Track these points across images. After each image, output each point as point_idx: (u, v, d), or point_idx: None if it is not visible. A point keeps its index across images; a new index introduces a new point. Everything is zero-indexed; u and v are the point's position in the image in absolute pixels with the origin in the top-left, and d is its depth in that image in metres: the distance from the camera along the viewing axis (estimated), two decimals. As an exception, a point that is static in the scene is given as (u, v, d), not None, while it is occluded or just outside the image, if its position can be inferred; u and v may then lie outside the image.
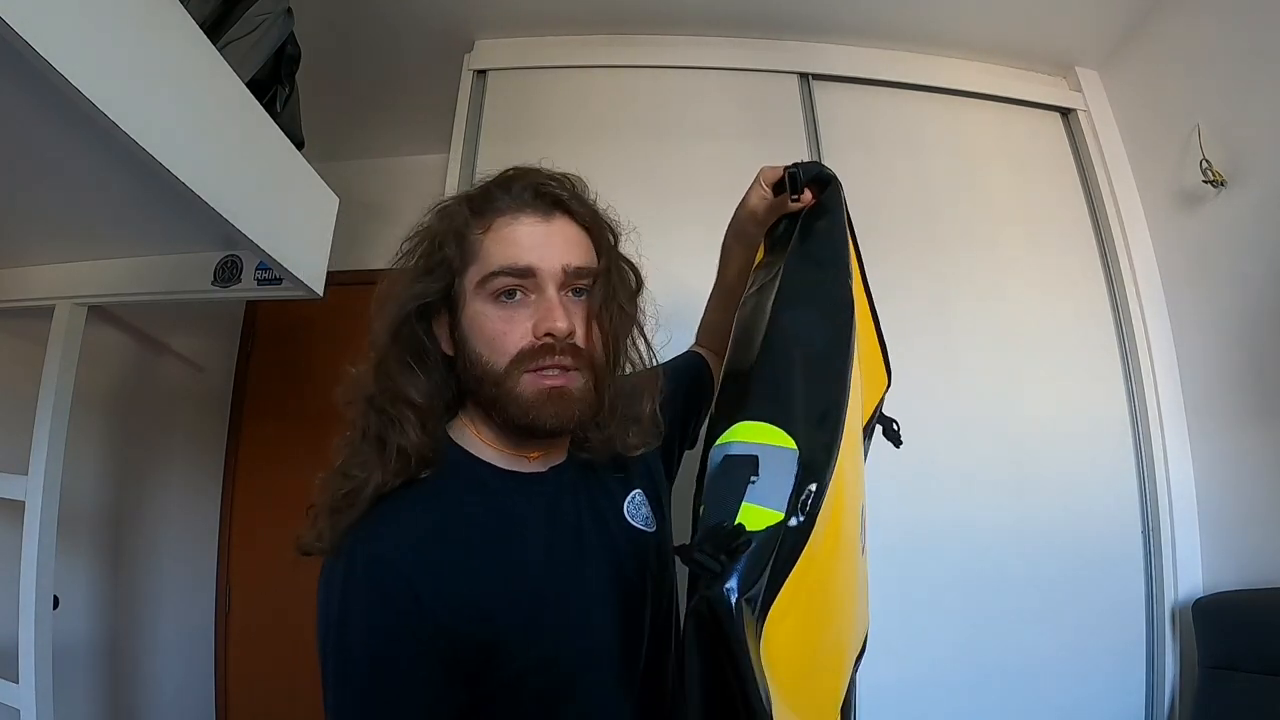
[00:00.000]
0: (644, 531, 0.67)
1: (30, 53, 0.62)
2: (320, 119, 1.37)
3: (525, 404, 0.57)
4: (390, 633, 0.51)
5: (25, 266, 1.36)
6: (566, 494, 0.64)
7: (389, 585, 0.51)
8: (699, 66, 1.64)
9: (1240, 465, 1.33)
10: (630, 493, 0.69)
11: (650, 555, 0.67)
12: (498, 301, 0.58)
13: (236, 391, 2.11)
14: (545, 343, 0.57)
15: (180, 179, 0.84)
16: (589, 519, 0.64)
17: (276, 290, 1.27)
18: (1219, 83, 1.40)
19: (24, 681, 1.15)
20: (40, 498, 1.20)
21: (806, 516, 0.46)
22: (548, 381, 0.58)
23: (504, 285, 0.58)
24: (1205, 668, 1.24)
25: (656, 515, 0.70)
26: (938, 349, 1.47)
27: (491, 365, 0.58)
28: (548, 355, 0.57)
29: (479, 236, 0.60)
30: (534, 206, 0.61)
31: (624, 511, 0.67)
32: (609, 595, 0.61)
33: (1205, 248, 1.43)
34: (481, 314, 0.59)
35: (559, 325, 0.57)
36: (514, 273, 0.58)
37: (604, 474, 0.68)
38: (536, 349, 0.57)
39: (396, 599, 0.51)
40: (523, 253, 0.58)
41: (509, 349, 0.57)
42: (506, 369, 0.57)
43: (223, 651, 1.95)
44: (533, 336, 0.57)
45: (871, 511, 1.47)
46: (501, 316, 0.58)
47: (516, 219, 0.60)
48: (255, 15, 1.05)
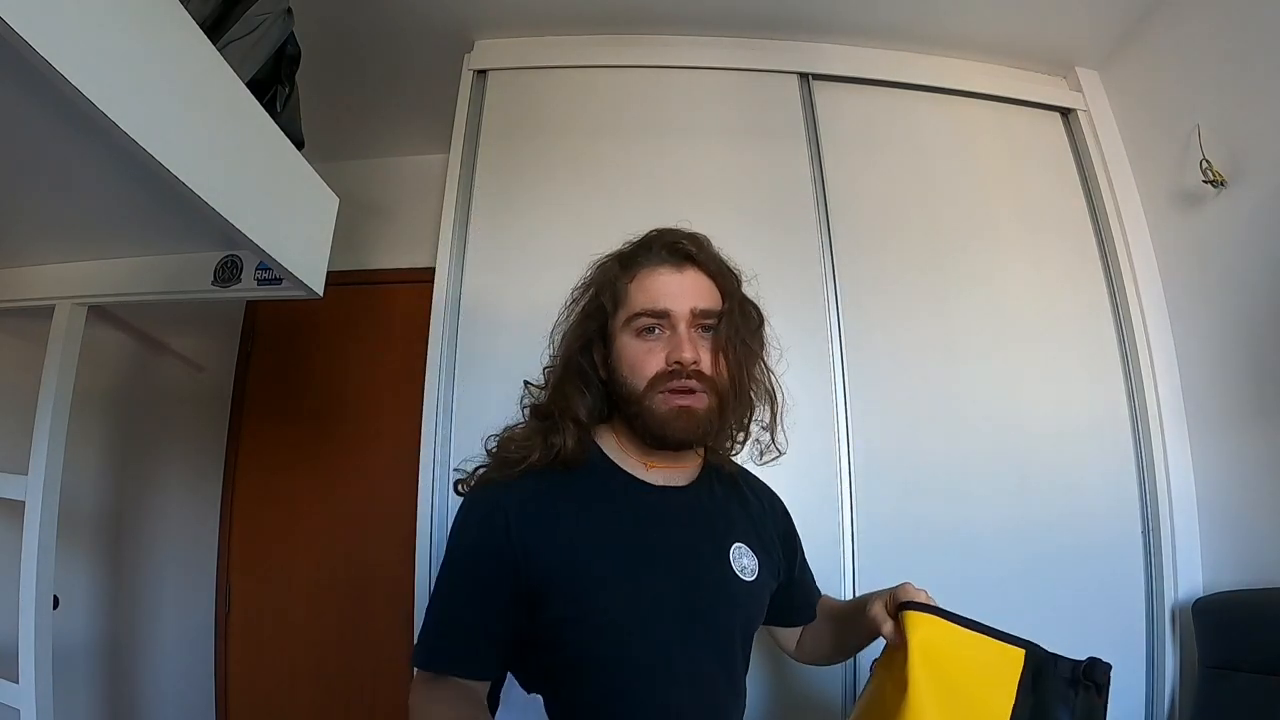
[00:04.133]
0: (737, 575, 0.75)
1: (30, 53, 0.62)
2: (320, 119, 1.37)
3: (659, 419, 0.71)
4: (482, 543, 0.69)
5: (25, 266, 1.36)
6: (674, 508, 0.75)
7: (494, 517, 0.69)
8: (699, 66, 1.64)
9: (1240, 465, 1.33)
10: (737, 542, 0.77)
11: (737, 593, 0.74)
12: (640, 336, 0.73)
13: (236, 391, 2.11)
14: (674, 368, 0.71)
15: (180, 179, 0.84)
16: (679, 539, 0.73)
17: (276, 290, 1.27)
18: (1219, 83, 1.40)
19: (24, 681, 1.15)
20: (40, 498, 1.20)
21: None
22: (676, 401, 0.71)
23: (644, 324, 0.73)
24: (1205, 668, 1.24)
25: (761, 572, 0.77)
26: (938, 350, 1.47)
27: (633, 386, 0.72)
28: (677, 379, 0.70)
29: (626, 286, 0.75)
30: (669, 260, 0.75)
31: (728, 554, 0.75)
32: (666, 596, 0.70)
33: (1205, 248, 1.43)
34: (627, 346, 0.74)
35: (685, 355, 0.70)
36: (652, 313, 0.73)
37: (720, 512, 0.79)
38: (668, 373, 0.71)
39: (494, 525, 0.69)
40: (660, 298, 0.73)
41: (647, 373, 0.71)
42: (645, 390, 0.71)
43: (223, 651, 1.95)
44: (664, 364, 0.71)
45: (871, 511, 1.48)
46: (642, 348, 0.73)
47: (655, 271, 0.75)
48: (255, 15, 1.05)
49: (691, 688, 0.68)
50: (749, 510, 0.83)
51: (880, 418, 1.42)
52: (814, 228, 1.51)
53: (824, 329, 1.45)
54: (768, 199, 1.53)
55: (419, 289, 1.59)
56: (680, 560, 0.72)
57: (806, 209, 1.53)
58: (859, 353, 1.45)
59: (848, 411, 1.41)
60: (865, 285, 1.50)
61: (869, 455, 1.39)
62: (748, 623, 0.77)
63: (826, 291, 1.48)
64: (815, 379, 1.42)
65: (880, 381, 1.44)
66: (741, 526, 0.80)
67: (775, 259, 1.48)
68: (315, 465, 2.00)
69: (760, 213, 1.51)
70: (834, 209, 1.54)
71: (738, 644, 0.74)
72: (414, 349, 1.47)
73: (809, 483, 1.35)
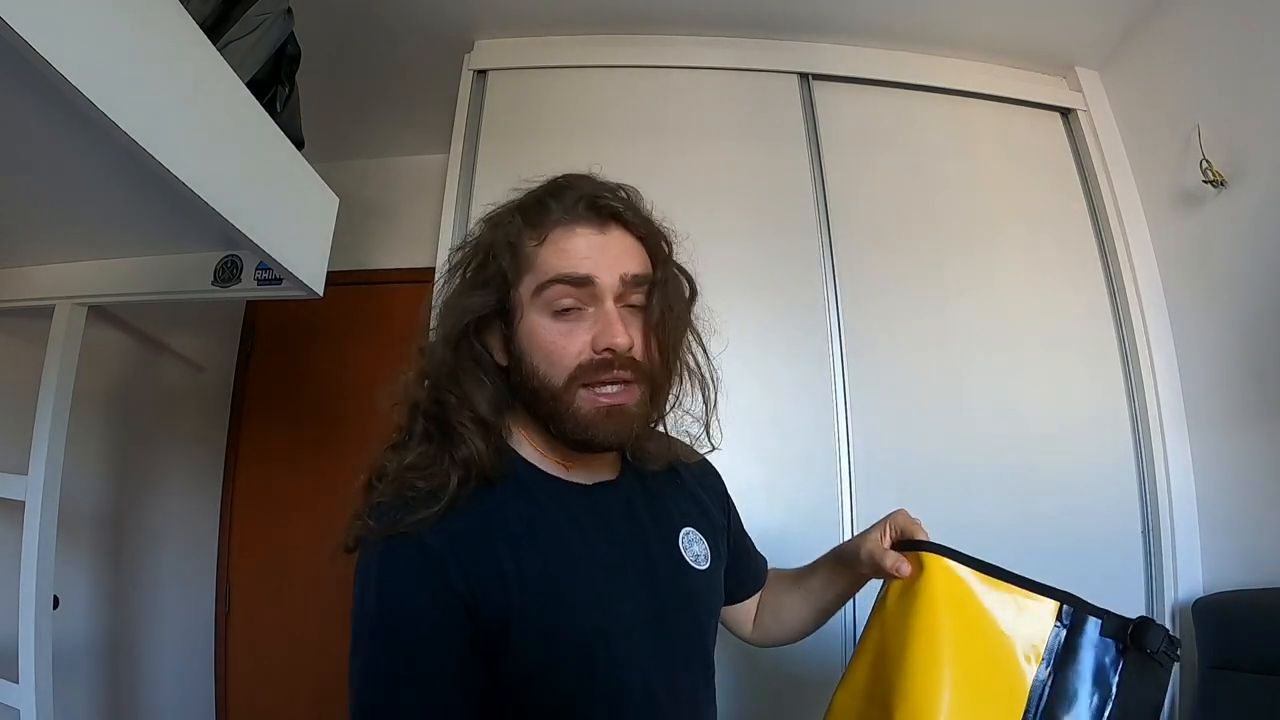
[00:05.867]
0: (692, 566, 0.66)
1: (30, 53, 0.62)
2: (320, 119, 1.37)
3: (583, 421, 0.58)
4: (416, 596, 0.53)
5: (25, 266, 1.36)
6: (614, 509, 0.64)
7: (419, 561, 0.53)
8: (699, 66, 1.64)
9: (1240, 465, 1.33)
10: (684, 528, 0.68)
11: (697, 588, 0.66)
12: (555, 316, 0.58)
13: (236, 391, 2.11)
14: (604, 358, 0.57)
15: (180, 179, 0.84)
16: (630, 543, 0.63)
17: (276, 290, 1.27)
18: (1219, 83, 1.40)
19: (24, 681, 1.15)
20: (40, 498, 1.20)
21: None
22: (605, 400, 0.58)
23: (561, 294, 0.58)
24: (1205, 668, 1.24)
25: (713, 555, 0.69)
26: (938, 350, 1.47)
27: (549, 379, 0.58)
28: (606, 370, 0.57)
29: (534, 247, 0.60)
30: (589, 218, 0.60)
31: (678, 543, 0.66)
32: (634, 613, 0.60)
33: (1205, 248, 1.43)
34: (539, 326, 0.59)
35: (619, 340, 0.57)
36: (571, 280, 0.57)
37: (659, 501, 0.68)
38: (595, 363, 0.57)
39: (426, 570, 0.53)
40: (579, 262, 0.58)
41: (567, 363, 0.57)
42: (565, 384, 0.57)
43: (223, 651, 1.95)
44: (591, 351, 0.57)
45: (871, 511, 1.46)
46: (559, 329, 0.58)
47: (572, 230, 0.59)
48: (255, 15, 1.05)
49: (673, 702, 0.61)
50: (687, 488, 0.72)
51: (880, 418, 1.42)
52: (814, 228, 1.51)
53: (824, 329, 1.45)
54: (768, 199, 1.53)
55: (419, 289, 1.58)
56: (639, 568, 0.62)
57: (806, 209, 1.53)
58: (859, 353, 1.45)
59: (848, 411, 1.41)
60: (865, 285, 1.50)
61: (869, 455, 1.39)
62: (711, 615, 0.68)
63: (826, 291, 1.48)
64: (815, 379, 1.42)
65: (880, 382, 1.44)
66: (684, 509, 0.70)
67: (775, 259, 1.49)
68: (315, 465, 2.00)
69: (760, 213, 1.52)
70: (834, 209, 1.54)
71: (709, 643, 0.67)
72: (414, 349, 1.47)
73: (809, 483, 1.35)
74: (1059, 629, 0.56)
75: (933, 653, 0.55)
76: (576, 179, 0.64)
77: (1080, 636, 0.55)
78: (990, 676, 0.55)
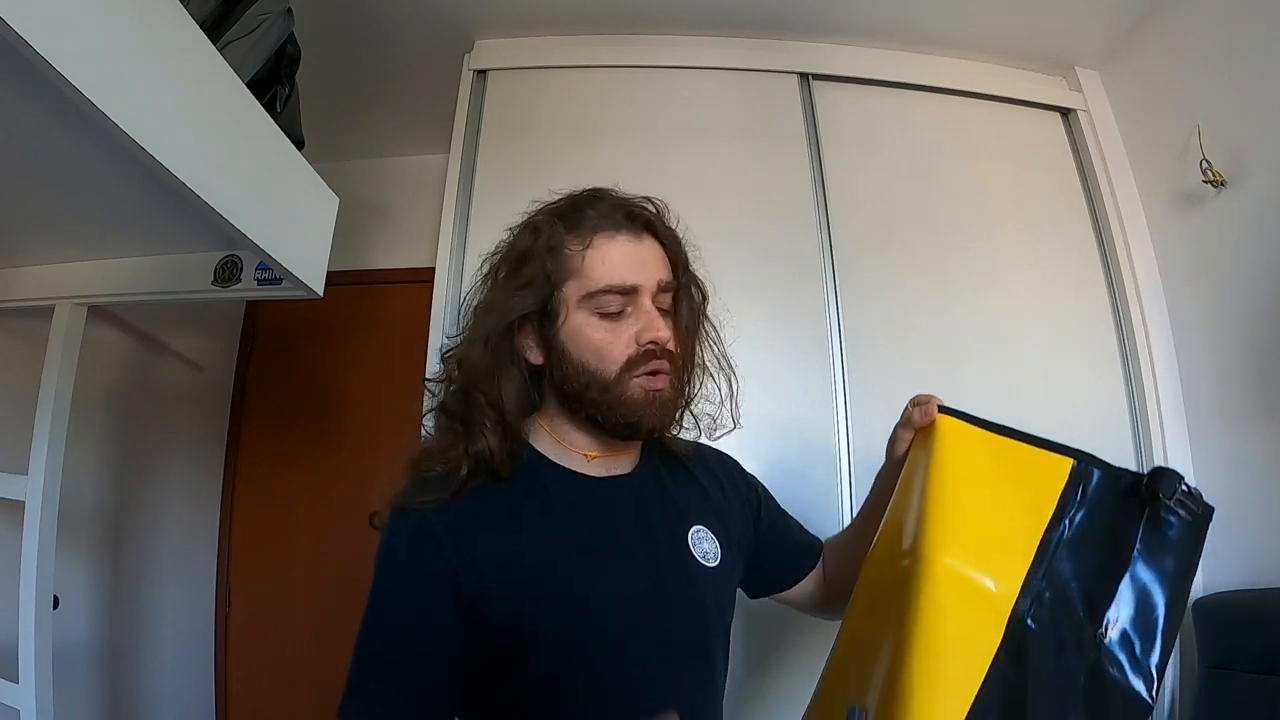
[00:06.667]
0: (700, 562, 0.68)
1: (30, 53, 0.62)
2: (320, 119, 1.37)
3: (633, 406, 0.64)
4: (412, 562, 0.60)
5: (25, 266, 1.36)
6: (622, 500, 0.68)
7: (418, 531, 0.60)
8: (699, 66, 1.64)
9: (1240, 465, 1.33)
10: (695, 526, 0.71)
11: (703, 583, 0.68)
12: (602, 316, 0.64)
13: (236, 391, 2.11)
14: (648, 349, 0.64)
15: (180, 179, 0.84)
16: (635, 535, 0.67)
17: (276, 290, 1.27)
18: (1219, 83, 1.40)
19: (24, 681, 1.15)
20: (40, 498, 1.20)
21: None
22: (651, 385, 0.64)
23: (610, 301, 0.64)
24: (1205, 668, 1.24)
25: (724, 554, 0.71)
26: (938, 349, 1.47)
27: (600, 373, 0.64)
28: (650, 360, 0.64)
29: (577, 251, 0.65)
30: (628, 225, 0.66)
31: (687, 539, 0.69)
32: (630, 601, 0.63)
33: (1205, 248, 1.43)
34: (586, 325, 0.64)
35: (661, 334, 0.64)
36: (622, 290, 0.64)
37: (670, 498, 0.72)
38: (641, 355, 0.64)
39: (421, 537, 0.60)
40: (626, 273, 0.64)
41: (617, 356, 0.64)
42: (618, 375, 0.64)
43: (223, 651, 1.95)
44: (636, 345, 0.64)
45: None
46: (607, 328, 0.64)
47: (613, 236, 0.65)
48: (255, 15, 1.05)
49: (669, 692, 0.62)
50: (702, 486, 0.76)
51: (880, 418, 1.41)
52: (814, 228, 1.51)
53: (824, 329, 1.45)
54: (768, 199, 1.53)
55: (419, 289, 1.59)
56: (641, 558, 0.65)
57: (806, 209, 1.53)
58: (859, 353, 1.45)
59: (848, 411, 1.41)
60: (865, 285, 1.50)
61: (869, 455, 1.39)
62: (717, 612, 0.70)
63: (826, 291, 1.48)
64: (815, 379, 1.42)
65: (880, 381, 1.44)
66: (697, 507, 0.73)
67: (775, 259, 1.48)
68: (315, 465, 2.00)
69: (760, 213, 1.51)
70: (834, 209, 1.54)
71: (714, 640, 0.69)
72: (414, 349, 1.47)
73: (809, 483, 1.35)
74: (1074, 485, 0.56)
75: (952, 495, 0.57)
76: (602, 190, 0.70)
77: (1096, 492, 0.55)
78: (1003, 525, 0.56)
